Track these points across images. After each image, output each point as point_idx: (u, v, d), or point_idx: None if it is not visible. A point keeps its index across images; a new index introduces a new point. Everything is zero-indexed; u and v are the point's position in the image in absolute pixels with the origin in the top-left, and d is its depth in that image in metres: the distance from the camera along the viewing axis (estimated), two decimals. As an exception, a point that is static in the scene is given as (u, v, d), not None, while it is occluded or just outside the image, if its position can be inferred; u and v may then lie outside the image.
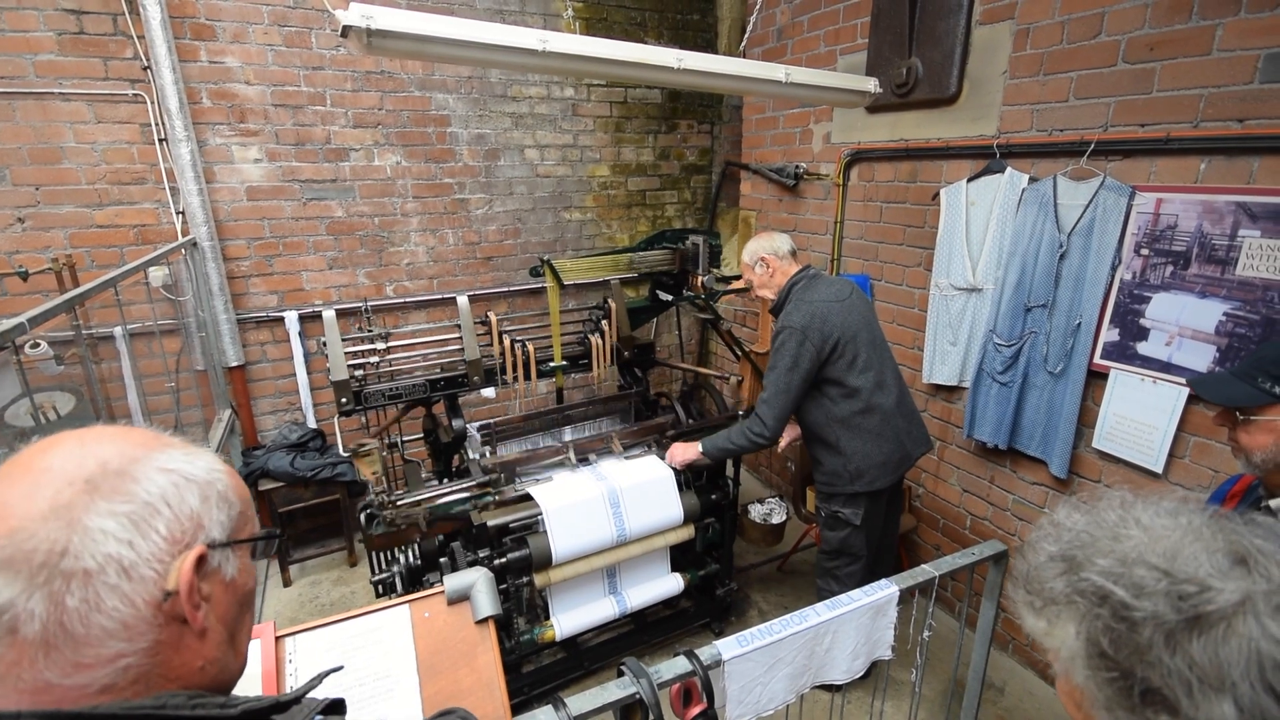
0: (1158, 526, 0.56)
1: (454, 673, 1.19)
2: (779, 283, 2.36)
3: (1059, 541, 0.60)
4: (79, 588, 0.46)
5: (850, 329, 2.22)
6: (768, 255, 2.35)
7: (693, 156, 4.30)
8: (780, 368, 2.23)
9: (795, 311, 2.23)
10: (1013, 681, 2.61)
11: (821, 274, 2.36)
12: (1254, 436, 1.21)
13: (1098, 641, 0.54)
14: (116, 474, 0.50)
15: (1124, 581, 0.53)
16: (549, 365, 2.67)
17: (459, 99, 3.50)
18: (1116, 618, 0.53)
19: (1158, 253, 2.03)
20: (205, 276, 3.05)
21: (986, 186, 2.49)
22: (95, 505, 0.48)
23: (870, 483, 2.27)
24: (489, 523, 2.17)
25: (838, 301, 2.24)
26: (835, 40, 3.16)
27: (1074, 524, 0.61)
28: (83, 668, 0.47)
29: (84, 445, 0.52)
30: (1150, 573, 0.52)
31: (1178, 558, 0.52)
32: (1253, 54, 1.77)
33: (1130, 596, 0.52)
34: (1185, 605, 0.50)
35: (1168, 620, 0.50)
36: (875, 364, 2.27)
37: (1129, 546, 0.55)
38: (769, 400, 2.26)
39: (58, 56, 2.73)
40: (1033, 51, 2.30)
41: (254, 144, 3.13)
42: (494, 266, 3.84)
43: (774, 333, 2.30)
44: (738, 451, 2.39)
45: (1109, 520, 0.59)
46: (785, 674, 1.49)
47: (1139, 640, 0.51)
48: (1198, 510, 0.57)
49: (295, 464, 3.12)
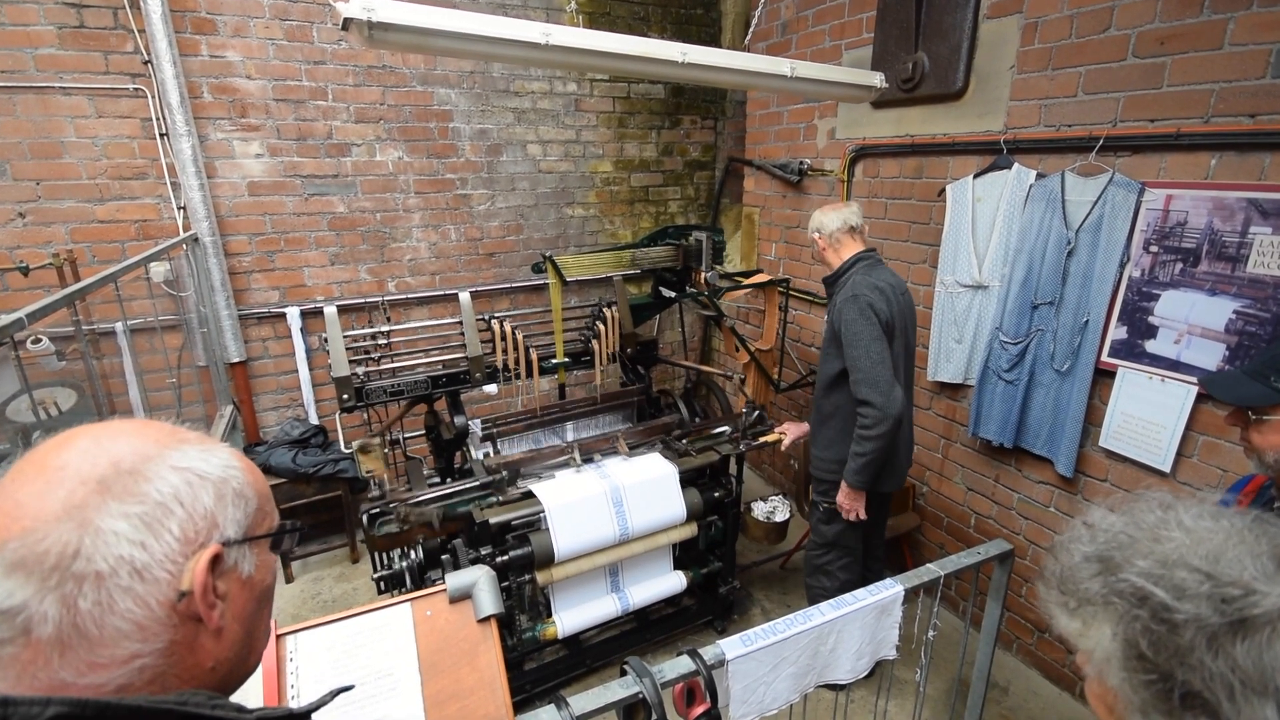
0: (1200, 529, 0.55)
1: (456, 671, 1.18)
2: (831, 259, 2.32)
3: (1094, 542, 0.59)
4: (91, 590, 0.46)
5: (901, 324, 2.21)
6: (816, 234, 2.33)
7: (696, 152, 4.27)
8: (865, 338, 2.09)
9: (863, 285, 2.16)
10: (1017, 681, 2.60)
11: (883, 261, 2.32)
12: (1266, 436, 1.19)
13: (1136, 643, 0.53)
14: (129, 474, 0.50)
15: (1165, 583, 0.52)
16: (551, 362, 2.65)
17: (461, 94, 3.48)
18: (1157, 619, 0.52)
19: (1167, 250, 2.01)
20: (207, 272, 3.04)
21: (993, 183, 2.47)
22: (107, 506, 0.48)
23: (878, 484, 2.27)
24: (491, 520, 2.16)
25: (900, 293, 2.23)
26: (840, 35, 3.13)
27: (1110, 525, 0.60)
28: (98, 667, 0.47)
29: (99, 442, 0.51)
30: (1193, 575, 0.51)
31: (1221, 560, 0.51)
32: (1265, 48, 1.74)
33: (1172, 598, 0.51)
34: (1229, 608, 0.49)
35: (1211, 623, 0.49)
36: (903, 365, 2.26)
37: (1170, 548, 0.54)
38: (865, 379, 2.09)
39: (58, 50, 2.71)
40: (1041, 46, 2.27)
41: (255, 139, 3.12)
42: (496, 263, 3.83)
43: (835, 307, 2.21)
44: (879, 457, 2.15)
45: (1148, 521, 0.58)
46: (789, 673, 1.47)
47: (1180, 642, 0.50)
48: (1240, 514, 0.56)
49: (297, 460, 3.12)
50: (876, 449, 2.12)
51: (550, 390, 3.05)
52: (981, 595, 1.87)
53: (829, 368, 2.28)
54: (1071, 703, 2.46)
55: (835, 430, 2.31)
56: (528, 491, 2.27)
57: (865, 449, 2.13)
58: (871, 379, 2.08)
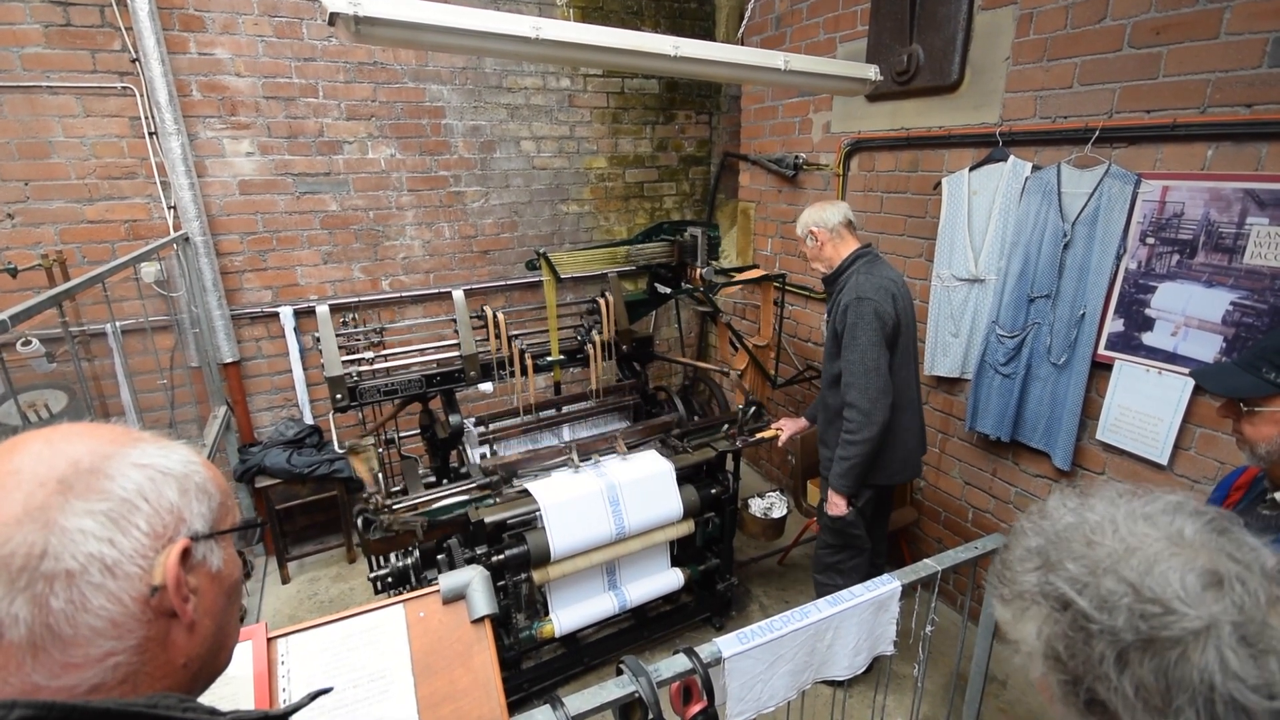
0: (1136, 534, 0.54)
1: (450, 673, 1.17)
2: (831, 256, 2.25)
3: (1040, 533, 0.59)
4: (63, 589, 0.46)
5: (906, 320, 2.18)
6: (816, 228, 2.24)
7: (691, 148, 4.25)
8: (862, 343, 2.05)
9: (867, 283, 2.09)
10: (1016, 675, 2.60)
11: (881, 257, 2.27)
12: (1258, 428, 1.18)
13: (1054, 646, 0.54)
14: (90, 472, 0.50)
15: (1089, 591, 0.52)
16: (546, 359, 2.64)
17: (453, 90, 3.46)
18: (1074, 626, 0.52)
19: (1163, 241, 2.00)
20: (198, 272, 3.02)
21: (989, 175, 2.46)
22: (70, 505, 0.48)
23: (890, 476, 2.26)
24: (486, 520, 2.15)
25: (902, 287, 2.20)
26: (835, 27, 3.11)
27: (1058, 517, 0.60)
28: (71, 668, 0.46)
29: (51, 445, 0.51)
30: (1119, 586, 0.51)
31: (1150, 573, 0.50)
32: (1261, 37, 1.73)
33: (1092, 608, 0.51)
34: (1144, 625, 0.49)
35: (1122, 638, 0.49)
36: (911, 360, 2.24)
37: (1102, 554, 0.54)
38: (855, 384, 2.07)
39: (45, 49, 2.68)
40: (1036, 37, 2.26)
41: (245, 137, 3.09)
42: (491, 260, 3.81)
43: (840, 307, 2.16)
44: (860, 460, 2.14)
45: (1090, 520, 0.57)
46: (786, 671, 1.47)
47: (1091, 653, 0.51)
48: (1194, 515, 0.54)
49: (292, 460, 3.10)
50: (861, 454, 2.13)
51: (546, 387, 3.03)
52: (979, 589, 1.86)
53: (834, 367, 2.25)
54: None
55: None
56: (523, 490, 2.26)
57: (850, 453, 2.14)
58: (862, 384, 2.08)
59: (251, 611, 3.02)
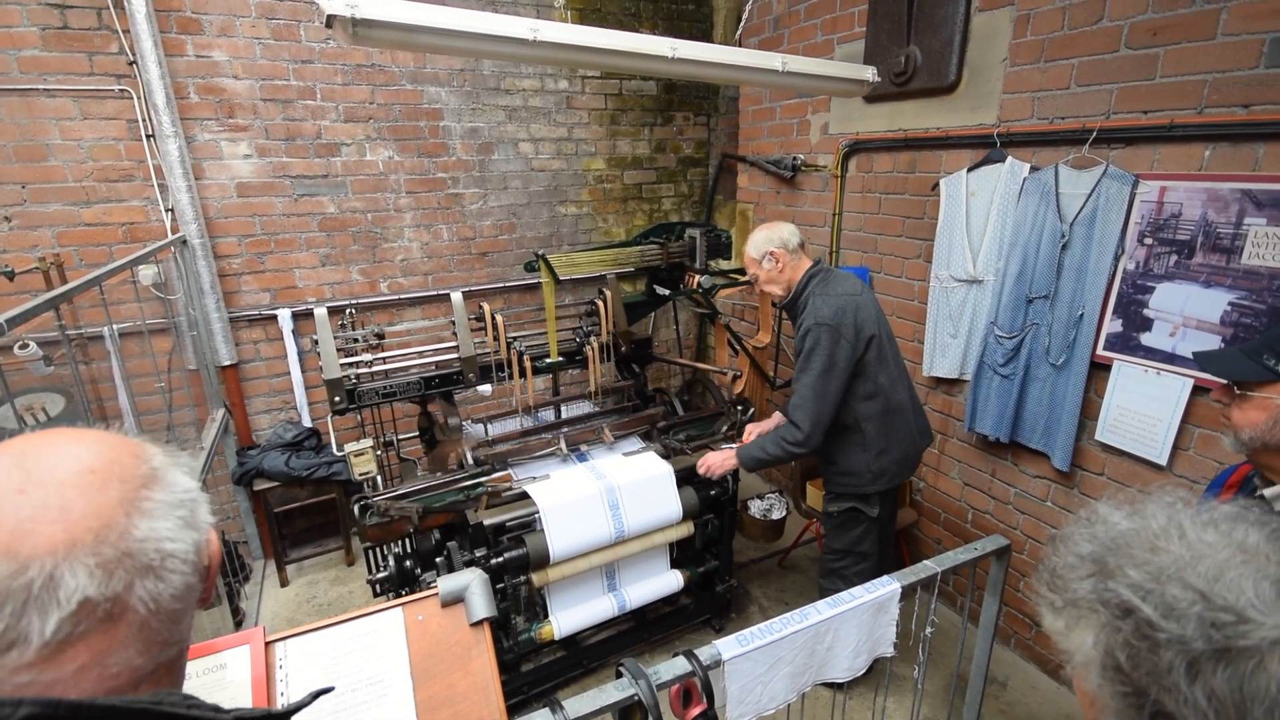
0: (1204, 541, 0.52)
1: (448, 676, 1.17)
2: (789, 278, 2.21)
3: (1094, 540, 0.57)
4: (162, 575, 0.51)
5: (874, 328, 2.14)
6: (776, 249, 2.17)
7: (689, 149, 4.25)
8: (814, 370, 2.06)
9: (824, 306, 2.07)
10: (1016, 676, 2.60)
11: (832, 269, 2.25)
12: (1246, 413, 1.20)
13: (1114, 655, 0.51)
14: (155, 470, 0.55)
15: (1154, 599, 0.50)
16: (545, 361, 2.64)
17: (451, 92, 3.46)
18: (1139, 635, 0.49)
19: (1161, 242, 2.00)
20: (196, 274, 3.01)
21: (987, 176, 2.46)
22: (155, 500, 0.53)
23: (891, 480, 2.25)
24: (485, 521, 2.15)
25: (859, 295, 2.14)
26: (833, 29, 3.12)
27: (1113, 523, 0.57)
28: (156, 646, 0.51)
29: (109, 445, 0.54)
30: (1185, 593, 0.49)
31: (1220, 580, 0.48)
32: (1258, 38, 1.73)
33: (1158, 616, 0.49)
34: (1217, 634, 0.46)
35: (1195, 647, 0.46)
36: (891, 360, 2.22)
37: (1167, 560, 0.51)
38: (802, 406, 2.10)
39: (42, 52, 2.68)
40: (1033, 38, 2.26)
41: (243, 139, 3.09)
42: (489, 262, 3.80)
43: (800, 331, 2.15)
44: (773, 461, 2.22)
45: (1151, 527, 0.54)
46: (786, 673, 1.46)
47: (1158, 662, 0.48)
48: (1258, 524, 0.52)
49: (290, 463, 3.10)
50: (779, 460, 2.22)
51: (545, 389, 3.03)
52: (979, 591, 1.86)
53: None
54: (1070, 697, 2.46)
55: (843, 447, 2.26)
56: (522, 493, 2.26)
57: (774, 454, 2.20)
58: (806, 408, 2.12)
59: (250, 615, 3.01)
